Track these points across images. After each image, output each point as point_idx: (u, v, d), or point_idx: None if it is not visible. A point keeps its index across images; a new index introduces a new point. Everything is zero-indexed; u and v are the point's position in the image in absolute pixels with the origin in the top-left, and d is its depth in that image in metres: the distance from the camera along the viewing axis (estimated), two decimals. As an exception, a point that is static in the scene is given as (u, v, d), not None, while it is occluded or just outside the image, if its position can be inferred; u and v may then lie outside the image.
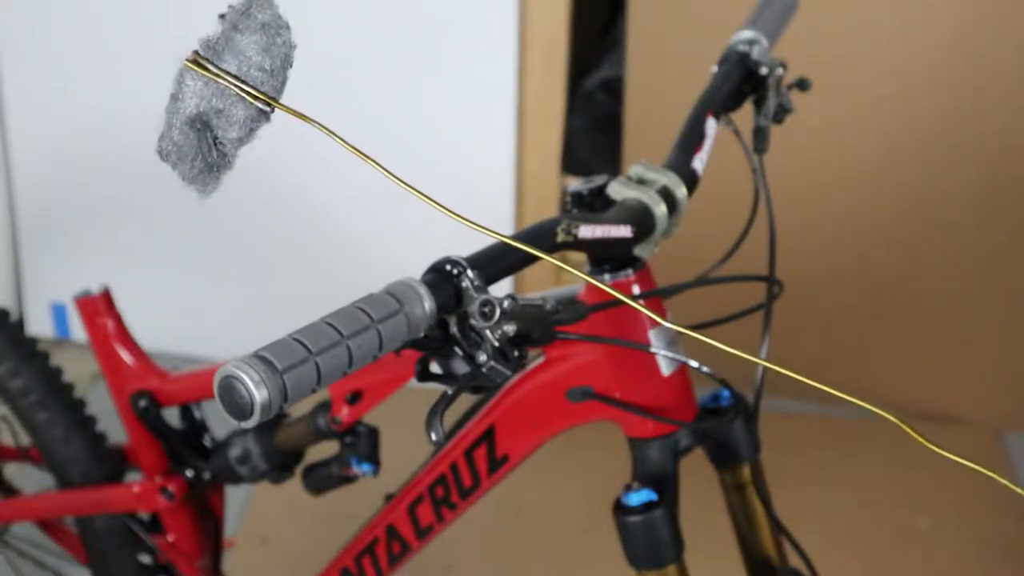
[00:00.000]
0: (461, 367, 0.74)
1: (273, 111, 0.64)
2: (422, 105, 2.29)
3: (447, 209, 0.65)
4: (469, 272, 0.71)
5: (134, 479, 1.41)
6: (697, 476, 1.07)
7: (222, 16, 0.64)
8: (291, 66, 0.64)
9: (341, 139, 0.64)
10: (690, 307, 1.04)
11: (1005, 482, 0.60)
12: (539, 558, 2.00)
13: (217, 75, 0.63)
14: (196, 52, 0.63)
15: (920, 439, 0.60)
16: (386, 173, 0.64)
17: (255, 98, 0.63)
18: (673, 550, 0.97)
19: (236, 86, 0.63)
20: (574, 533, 2.02)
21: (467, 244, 0.76)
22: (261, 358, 0.60)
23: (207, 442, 1.37)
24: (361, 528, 1.24)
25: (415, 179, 0.63)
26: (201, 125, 0.64)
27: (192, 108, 0.63)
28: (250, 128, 0.64)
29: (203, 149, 0.64)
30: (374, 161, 0.64)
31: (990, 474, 0.60)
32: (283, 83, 0.64)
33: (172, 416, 1.36)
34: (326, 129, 0.64)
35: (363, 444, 1.18)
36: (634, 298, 0.68)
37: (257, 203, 2.24)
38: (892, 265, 2.28)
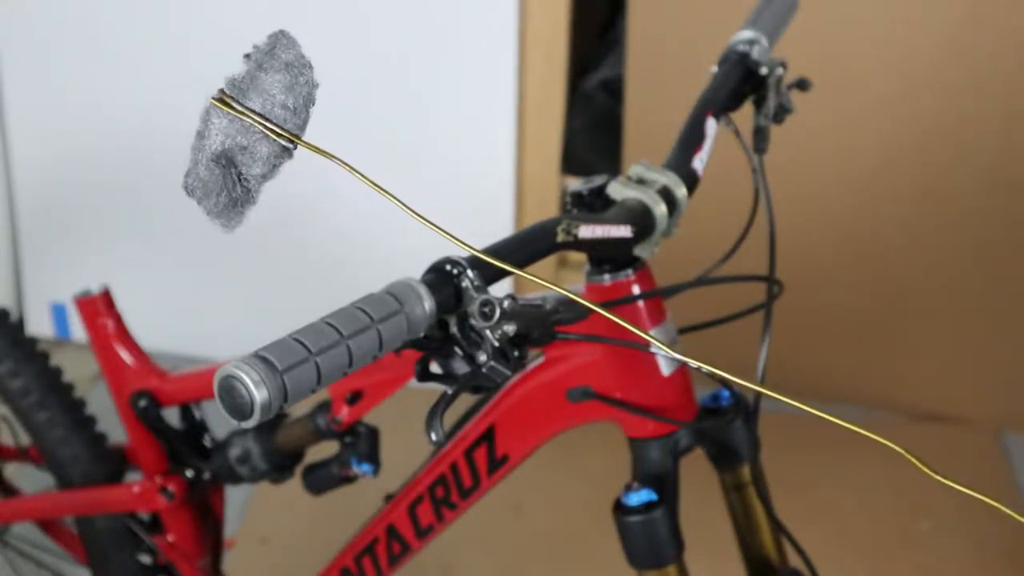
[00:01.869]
0: (461, 367, 0.74)
1: (296, 148, 0.66)
2: (422, 105, 2.29)
3: (437, 225, 0.65)
4: (469, 272, 0.71)
5: (134, 479, 1.41)
6: (697, 476, 1.07)
7: (247, 56, 0.65)
8: (314, 104, 0.66)
9: (361, 174, 0.65)
10: (690, 307, 1.04)
11: (1007, 511, 0.60)
12: (539, 558, 2.00)
13: (243, 113, 0.64)
14: (222, 91, 0.65)
15: (927, 470, 0.60)
16: (396, 201, 0.65)
17: (279, 135, 0.64)
18: (673, 550, 0.97)
19: (260, 124, 0.64)
20: (574, 533, 2.02)
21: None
22: (261, 358, 0.60)
23: (207, 442, 1.37)
24: (361, 528, 1.24)
25: (415, 179, 0.64)
26: (226, 161, 0.65)
27: (218, 145, 0.65)
28: (273, 164, 0.66)
29: (228, 185, 0.65)
30: (392, 195, 0.65)
31: (996, 504, 0.59)
32: (306, 121, 0.66)
33: (172, 416, 1.36)
34: (347, 165, 0.65)
35: (363, 444, 1.18)
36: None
37: (257, 203, 2.23)
38: (892, 265, 2.28)
